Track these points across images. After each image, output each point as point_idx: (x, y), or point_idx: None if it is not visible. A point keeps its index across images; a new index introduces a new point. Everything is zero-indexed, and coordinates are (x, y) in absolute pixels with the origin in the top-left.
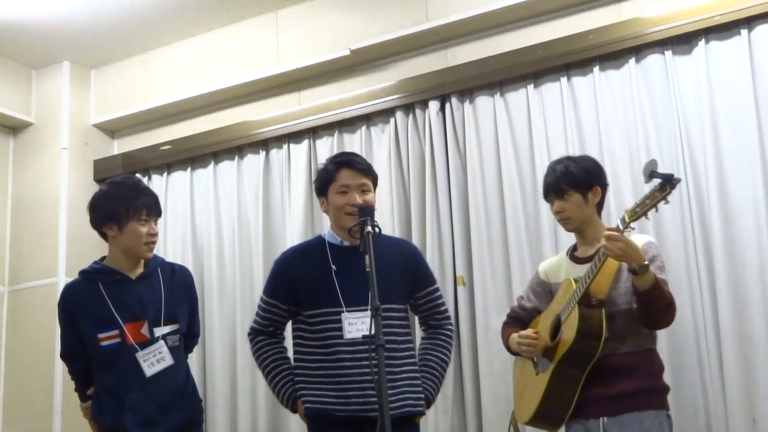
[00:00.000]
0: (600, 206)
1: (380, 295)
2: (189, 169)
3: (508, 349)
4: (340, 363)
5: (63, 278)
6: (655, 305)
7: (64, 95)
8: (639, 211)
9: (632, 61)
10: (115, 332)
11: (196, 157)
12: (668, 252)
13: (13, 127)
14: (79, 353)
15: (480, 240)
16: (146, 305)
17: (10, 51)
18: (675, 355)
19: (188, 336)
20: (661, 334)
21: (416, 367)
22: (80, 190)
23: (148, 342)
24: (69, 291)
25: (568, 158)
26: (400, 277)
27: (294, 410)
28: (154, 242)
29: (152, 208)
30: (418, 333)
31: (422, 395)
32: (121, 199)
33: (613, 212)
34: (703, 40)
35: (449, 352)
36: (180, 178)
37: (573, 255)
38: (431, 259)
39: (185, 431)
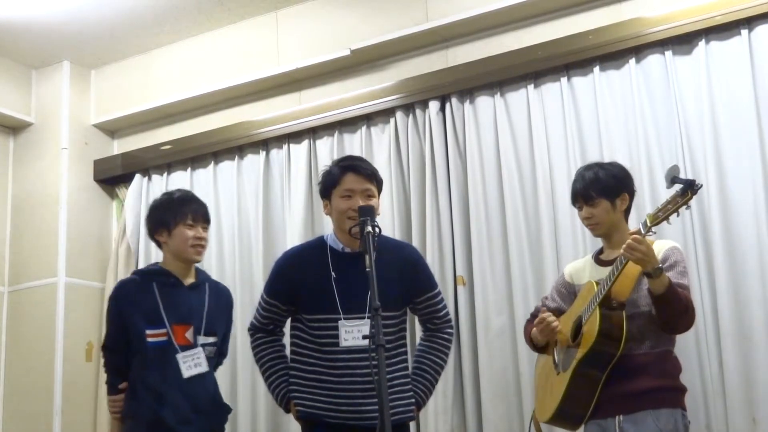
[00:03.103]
0: (627, 212)
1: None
2: (189, 169)
3: (531, 344)
4: (334, 370)
5: (63, 278)
6: (670, 309)
7: (64, 95)
8: (661, 216)
9: (632, 61)
10: (163, 331)
11: (196, 157)
12: None
13: (13, 127)
14: (121, 347)
15: (480, 240)
16: (193, 312)
17: (10, 51)
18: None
19: (218, 354)
20: None
21: (407, 373)
22: (80, 190)
23: (190, 346)
24: (122, 286)
25: (597, 164)
26: (398, 283)
27: (287, 410)
28: (202, 246)
29: (198, 213)
30: (420, 333)
31: (412, 400)
32: (169, 208)
33: None
34: (703, 40)
35: (445, 356)
36: (180, 178)
37: (598, 258)
38: (431, 259)
39: None
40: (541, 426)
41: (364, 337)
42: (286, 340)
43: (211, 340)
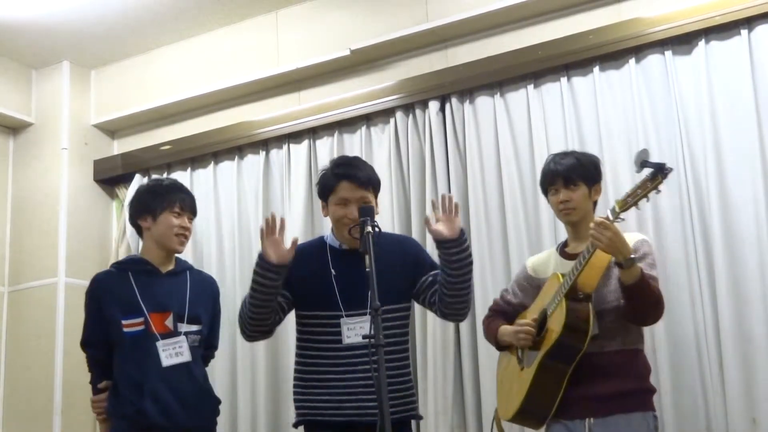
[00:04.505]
0: (595, 205)
1: (379, 296)
2: (189, 169)
3: (496, 343)
4: (336, 368)
5: (63, 278)
6: (640, 300)
7: (64, 95)
8: (630, 201)
9: (632, 61)
10: (140, 320)
11: (196, 157)
12: (668, 251)
13: (13, 127)
14: (100, 341)
15: (480, 239)
16: (172, 299)
17: (10, 51)
18: (675, 355)
19: (207, 347)
20: (661, 335)
21: (410, 370)
22: (80, 190)
23: (170, 334)
24: (98, 278)
25: (574, 152)
26: (401, 274)
27: (266, 263)
28: (186, 236)
29: (186, 203)
30: (420, 334)
31: (416, 398)
32: (156, 193)
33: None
34: (703, 40)
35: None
36: (180, 178)
37: (563, 251)
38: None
39: (203, 429)
40: (503, 426)
41: (364, 337)
42: (291, 342)
43: (195, 328)
